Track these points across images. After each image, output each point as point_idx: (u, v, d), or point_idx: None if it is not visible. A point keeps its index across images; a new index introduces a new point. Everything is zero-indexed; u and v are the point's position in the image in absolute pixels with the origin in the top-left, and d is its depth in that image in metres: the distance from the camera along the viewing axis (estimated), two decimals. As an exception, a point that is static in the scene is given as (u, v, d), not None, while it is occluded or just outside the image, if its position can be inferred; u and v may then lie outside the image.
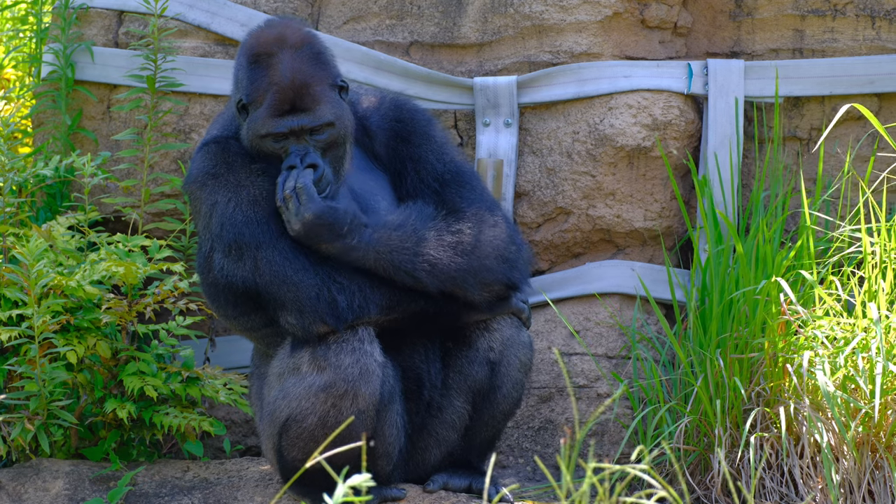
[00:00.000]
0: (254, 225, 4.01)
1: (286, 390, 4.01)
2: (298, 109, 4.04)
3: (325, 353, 3.96)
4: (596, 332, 4.76)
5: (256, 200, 4.03)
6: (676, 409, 4.44)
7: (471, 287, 4.04)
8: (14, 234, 4.67)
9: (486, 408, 4.18)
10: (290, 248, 3.99)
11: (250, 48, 4.09)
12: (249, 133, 4.07)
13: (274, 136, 4.06)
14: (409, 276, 4.00)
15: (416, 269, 3.99)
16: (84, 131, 4.96)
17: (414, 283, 4.01)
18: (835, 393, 4.13)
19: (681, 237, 4.85)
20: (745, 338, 4.32)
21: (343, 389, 3.95)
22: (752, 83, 4.77)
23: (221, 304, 4.09)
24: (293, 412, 3.99)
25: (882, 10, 4.79)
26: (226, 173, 4.05)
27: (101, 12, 4.99)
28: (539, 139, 4.81)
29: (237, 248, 4.01)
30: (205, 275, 4.10)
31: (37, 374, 4.42)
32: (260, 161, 4.08)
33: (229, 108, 4.20)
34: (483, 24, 4.82)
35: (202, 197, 4.07)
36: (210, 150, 4.10)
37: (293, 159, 4.04)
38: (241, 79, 4.10)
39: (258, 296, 4.03)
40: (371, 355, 3.97)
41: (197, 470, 4.51)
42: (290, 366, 4.01)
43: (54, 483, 4.44)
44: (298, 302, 3.97)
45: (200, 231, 4.11)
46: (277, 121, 4.04)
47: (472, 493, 4.24)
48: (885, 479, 4.18)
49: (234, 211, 4.02)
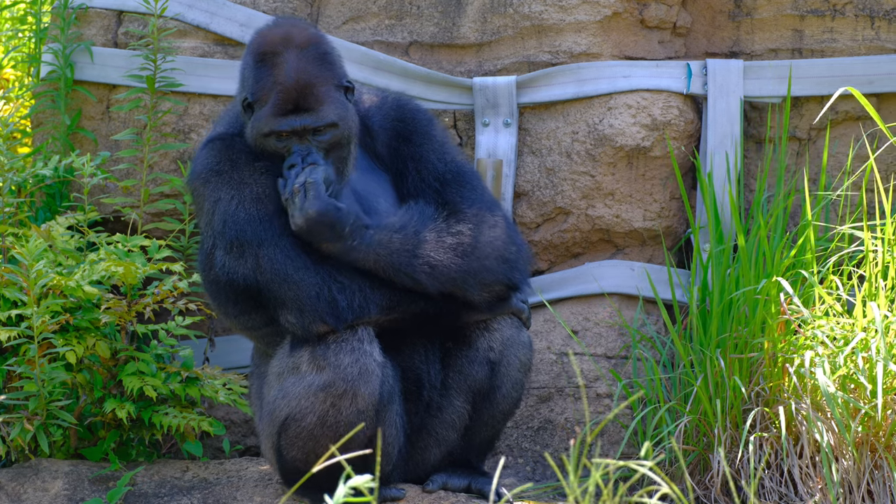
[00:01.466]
0: (256, 223, 4.01)
1: (285, 389, 4.01)
2: (302, 109, 4.05)
3: (325, 353, 3.96)
4: (595, 332, 4.76)
5: (259, 198, 4.03)
6: (676, 408, 4.44)
7: (471, 288, 4.04)
8: (13, 234, 4.67)
9: (486, 408, 4.19)
10: (292, 247, 3.99)
11: (257, 47, 4.09)
12: (253, 131, 4.07)
13: (277, 134, 4.07)
14: (410, 279, 4.00)
15: (416, 272, 4.00)
16: (83, 131, 4.96)
17: (414, 285, 4.02)
18: (835, 393, 4.13)
19: (680, 237, 4.85)
20: (745, 337, 4.32)
21: (342, 389, 3.95)
22: (751, 83, 4.77)
23: (222, 302, 4.09)
24: (292, 411, 3.99)
25: (881, 11, 4.80)
26: (229, 170, 4.06)
27: (100, 12, 4.99)
28: (538, 139, 4.81)
29: (239, 246, 4.01)
30: (206, 272, 4.10)
31: (36, 374, 4.41)
32: (264, 159, 4.08)
33: (234, 106, 4.21)
34: (482, 24, 4.82)
35: (205, 193, 4.07)
36: (214, 146, 4.10)
37: (295, 158, 4.05)
38: (247, 77, 4.11)
39: (259, 294, 4.03)
40: (370, 355, 3.97)
41: (196, 470, 4.51)
42: (290, 365, 4.02)
43: (53, 483, 4.43)
44: (299, 301, 3.97)
45: (203, 228, 4.11)
46: (280, 120, 4.04)
47: (471, 492, 4.24)
48: (885, 478, 4.19)
49: (236, 208, 4.02)
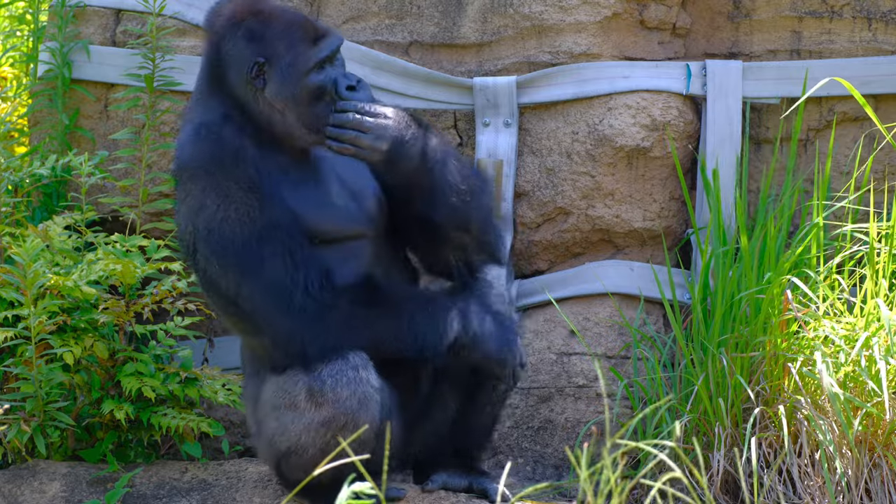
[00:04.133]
0: (239, 247, 3.90)
1: (284, 426, 3.97)
2: (322, 36, 3.98)
3: (322, 387, 3.90)
4: (595, 332, 4.77)
5: (244, 218, 3.91)
6: (676, 408, 4.46)
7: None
8: (10, 233, 4.64)
9: (479, 392, 4.17)
10: (271, 285, 3.90)
11: (231, 18, 3.98)
12: (286, 82, 3.96)
13: (319, 64, 3.95)
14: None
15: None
16: (81, 130, 4.94)
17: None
18: (837, 392, 4.15)
19: (679, 237, 4.87)
20: (746, 337, 4.34)
21: (343, 422, 3.91)
22: (750, 84, 4.80)
23: (210, 295, 4.04)
24: (293, 445, 3.96)
25: (878, 13, 4.83)
26: (218, 173, 3.92)
27: (98, 11, 4.97)
28: (538, 139, 4.81)
29: (221, 262, 3.93)
30: (190, 260, 4.01)
31: (33, 375, 4.39)
32: (262, 147, 3.98)
33: (202, 98, 4.05)
34: (483, 25, 4.82)
35: (191, 190, 3.95)
36: (203, 138, 3.96)
37: (351, 79, 3.98)
38: (241, 49, 3.97)
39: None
40: (368, 382, 3.93)
41: (195, 471, 4.49)
42: (286, 400, 3.96)
43: (51, 485, 4.41)
44: (273, 336, 3.93)
45: (184, 217, 3.98)
46: (319, 47, 3.96)
47: (472, 492, 4.23)
48: (883, 477, 4.21)
49: (221, 222, 3.92)
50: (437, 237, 4.09)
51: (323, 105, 3.99)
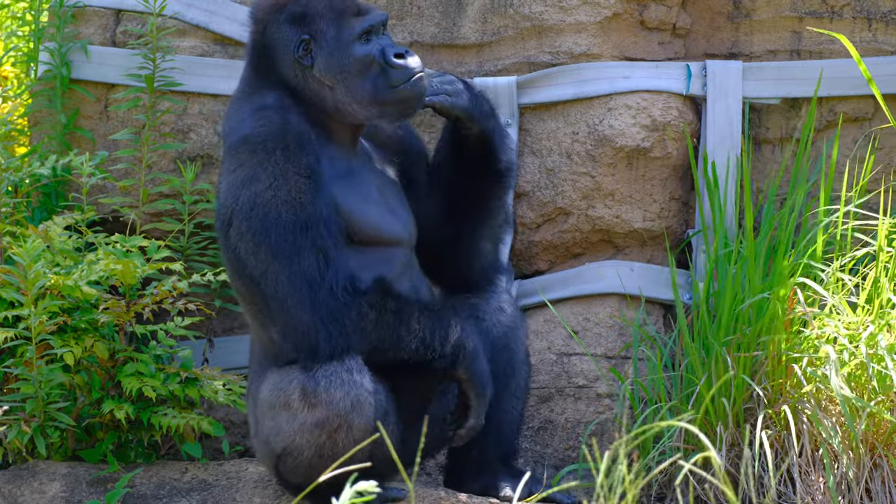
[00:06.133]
0: (280, 229, 3.92)
1: (279, 426, 3.99)
2: (366, 10, 4.04)
3: (315, 388, 3.92)
4: (595, 332, 4.77)
5: (292, 203, 3.92)
6: (678, 408, 4.46)
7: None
8: (10, 234, 4.64)
9: (505, 388, 4.22)
10: (300, 274, 3.92)
11: (275, 6, 4.04)
12: (333, 55, 3.99)
13: (364, 34, 3.99)
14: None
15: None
16: (81, 131, 4.94)
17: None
18: (846, 392, 4.16)
19: (680, 238, 4.87)
20: (749, 337, 4.34)
21: (336, 424, 3.93)
22: (751, 84, 4.80)
23: (233, 273, 4.03)
24: (288, 446, 3.99)
25: (878, 13, 4.84)
26: (279, 152, 3.92)
27: (97, 11, 4.97)
28: (539, 140, 4.82)
29: (256, 239, 3.93)
30: (221, 233, 4.01)
31: (33, 375, 4.38)
32: (319, 132, 4.01)
33: (260, 86, 4.07)
34: (483, 25, 4.83)
35: (245, 161, 3.93)
36: (268, 118, 3.97)
37: (399, 48, 4.02)
38: (285, 32, 4.01)
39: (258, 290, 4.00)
40: (361, 385, 3.93)
41: (195, 471, 4.49)
42: (281, 399, 3.98)
43: (51, 485, 4.41)
44: (285, 327, 3.94)
45: (226, 188, 3.98)
46: (364, 17, 4.01)
47: (488, 495, 4.24)
48: (883, 477, 4.22)
49: (269, 200, 3.91)
50: (475, 217, 4.26)
51: (372, 76, 4.02)
